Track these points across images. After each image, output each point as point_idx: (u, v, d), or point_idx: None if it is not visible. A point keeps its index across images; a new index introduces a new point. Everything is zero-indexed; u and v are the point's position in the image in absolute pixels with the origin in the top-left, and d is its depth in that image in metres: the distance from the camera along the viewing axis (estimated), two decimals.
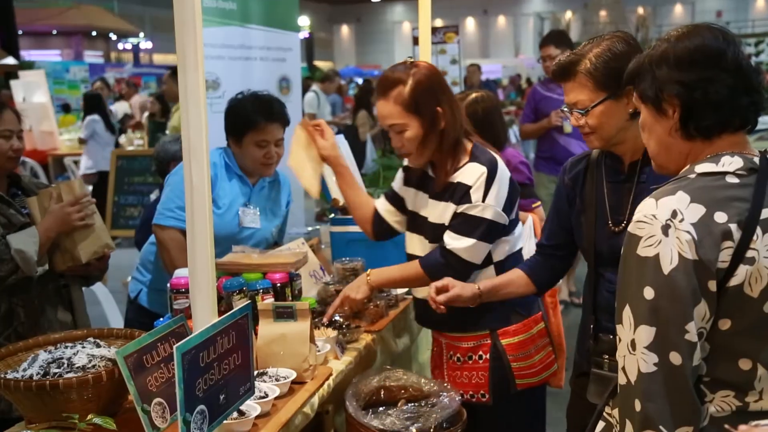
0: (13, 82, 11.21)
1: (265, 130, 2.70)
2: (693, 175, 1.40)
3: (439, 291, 2.06)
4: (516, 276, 2.18)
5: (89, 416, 1.64)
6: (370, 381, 2.19)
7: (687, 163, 1.45)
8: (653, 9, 31.05)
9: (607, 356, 1.90)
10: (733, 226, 1.32)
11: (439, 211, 2.23)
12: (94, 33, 27.15)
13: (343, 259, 2.80)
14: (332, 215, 3.09)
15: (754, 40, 28.21)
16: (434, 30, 9.45)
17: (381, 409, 2.12)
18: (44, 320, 2.40)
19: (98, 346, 1.90)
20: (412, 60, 2.23)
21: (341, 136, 3.58)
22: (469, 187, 2.15)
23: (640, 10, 27.01)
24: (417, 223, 2.32)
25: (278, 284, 2.33)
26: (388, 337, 2.65)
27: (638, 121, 1.76)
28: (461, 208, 2.17)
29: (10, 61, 13.52)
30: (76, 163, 9.00)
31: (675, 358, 1.32)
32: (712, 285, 1.33)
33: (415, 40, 9.77)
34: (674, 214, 1.33)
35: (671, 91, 1.41)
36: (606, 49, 1.84)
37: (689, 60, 1.40)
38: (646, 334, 1.34)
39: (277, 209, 2.97)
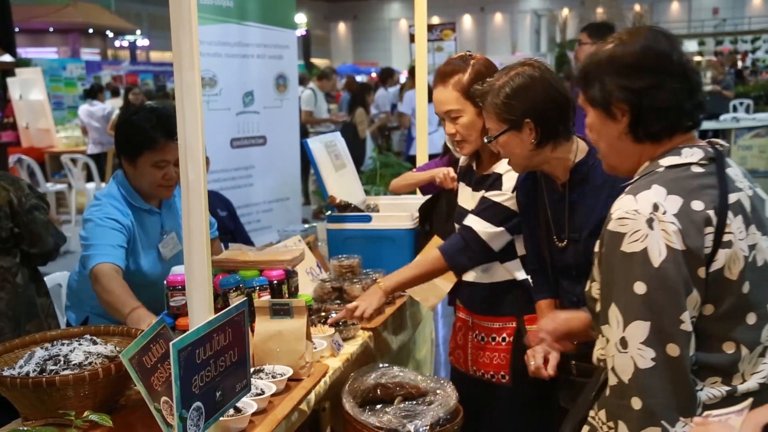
0: (9, 80, 11.18)
1: (165, 150, 2.41)
2: (661, 169, 1.42)
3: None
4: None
5: (86, 413, 1.64)
6: (367, 378, 2.20)
7: (639, 163, 1.48)
8: (650, 6, 31.07)
9: (574, 361, 1.95)
10: (711, 212, 1.35)
11: (476, 202, 2.27)
12: (90, 30, 27.05)
13: (340, 256, 2.80)
14: (329, 212, 3.09)
15: (751, 37, 28.20)
16: (431, 27, 9.46)
17: (378, 406, 2.12)
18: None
19: (95, 343, 1.91)
20: (470, 53, 2.32)
21: (338, 134, 3.59)
22: (501, 175, 2.19)
23: (637, 7, 27.04)
24: (460, 216, 2.36)
25: (275, 281, 2.34)
26: (385, 334, 2.65)
27: (547, 148, 1.90)
28: (489, 194, 2.20)
29: (7, 58, 13.47)
30: (74, 161, 8.99)
31: (672, 349, 1.32)
32: (702, 272, 1.34)
33: (412, 38, 9.79)
34: (656, 207, 1.34)
35: (620, 97, 1.43)
36: (504, 84, 1.91)
37: (637, 65, 1.42)
38: (641, 329, 1.33)
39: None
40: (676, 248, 1.32)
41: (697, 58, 26.58)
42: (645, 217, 1.33)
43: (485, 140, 2.03)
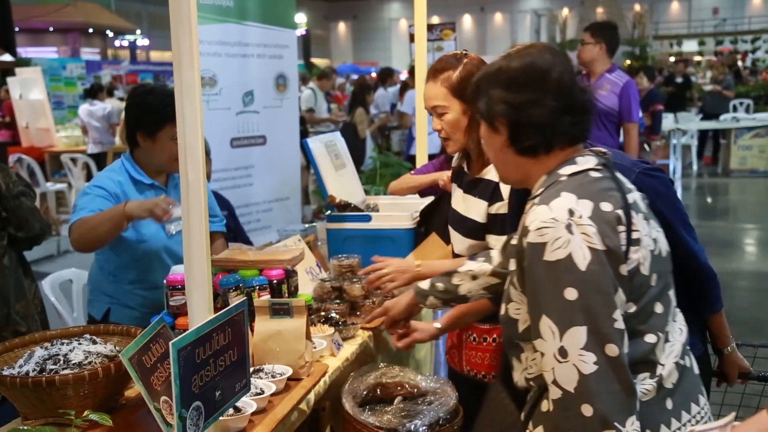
0: (9, 79, 11.19)
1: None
2: (563, 178, 1.45)
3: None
4: (476, 305, 2.11)
5: (85, 412, 1.64)
6: (367, 378, 2.20)
7: (526, 175, 1.53)
8: (650, 6, 31.02)
9: None
10: (620, 212, 1.39)
11: (467, 205, 2.26)
12: (90, 30, 27.03)
13: (340, 255, 2.80)
14: (328, 212, 3.09)
15: (751, 37, 28.16)
16: (431, 27, 9.44)
17: (378, 406, 2.12)
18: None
19: (94, 342, 1.91)
20: (465, 52, 2.33)
21: (337, 134, 3.59)
22: (496, 183, 2.18)
23: (637, 7, 26.98)
24: (454, 219, 2.36)
25: (274, 281, 2.33)
26: (384, 334, 2.65)
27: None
28: (495, 208, 2.17)
29: (7, 58, 13.49)
30: (74, 160, 8.98)
31: (611, 350, 1.32)
32: (623, 269, 1.37)
33: (412, 38, 9.75)
34: (571, 212, 1.36)
35: (500, 111, 1.49)
36: None
37: (517, 81, 1.47)
38: (578, 335, 1.32)
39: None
40: (598, 249, 1.34)
41: (697, 58, 26.60)
42: (564, 224, 1.35)
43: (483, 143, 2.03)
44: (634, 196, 1.47)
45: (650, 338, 1.43)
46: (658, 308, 1.45)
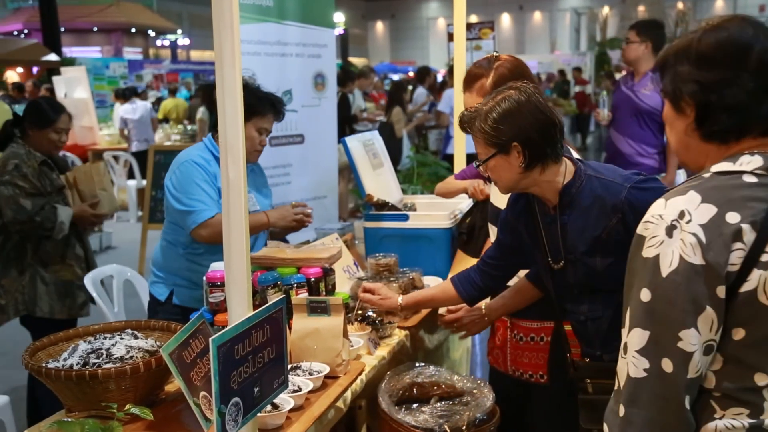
0: (55, 78, 11.45)
1: (267, 119, 2.87)
2: (707, 175, 1.31)
3: (366, 290, 2.40)
4: (441, 291, 2.34)
5: (127, 406, 1.67)
6: (403, 377, 2.20)
7: (707, 162, 1.36)
8: (693, 3, 30.45)
9: (588, 380, 1.94)
10: (746, 227, 1.21)
11: (504, 201, 2.25)
12: (133, 30, 27.53)
13: (377, 254, 2.81)
14: (366, 211, 3.10)
15: None
16: (469, 26, 9.41)
17: (414, 405, 2.12)
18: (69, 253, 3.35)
19: (136, 337, 1.94)
20: (497, 54, 2.35)
21: (375, 133, 3.59)
22: None
23: (680, 5, 26.50)
24: (494, 215, 2.36)
25: (312, 279, 2.35)
26: (421, 333, 2.65)
27: (535, 171, 1.89)
28: None
29: (53, 57, 13.82)
30: (116, 158, 9.15)
31: (667, 365, 1.25)
32: (721, 291, 1.22)
33: (450, 36, 9.68)
34: (681, 214, 1.25)
35: (687, 90, 1.33)
36: (491, 110, 1.91)
37: (710, 57, 1.30)
38: (638, 337, 1.27)
39: (266, 190, 3.14)
40: (690, 261, 1.22)
41: None
42: (666, 224, 1.25)
43: (474, 165, 2.05)
44: None
45: (760, 379, 1.25)
46: None
